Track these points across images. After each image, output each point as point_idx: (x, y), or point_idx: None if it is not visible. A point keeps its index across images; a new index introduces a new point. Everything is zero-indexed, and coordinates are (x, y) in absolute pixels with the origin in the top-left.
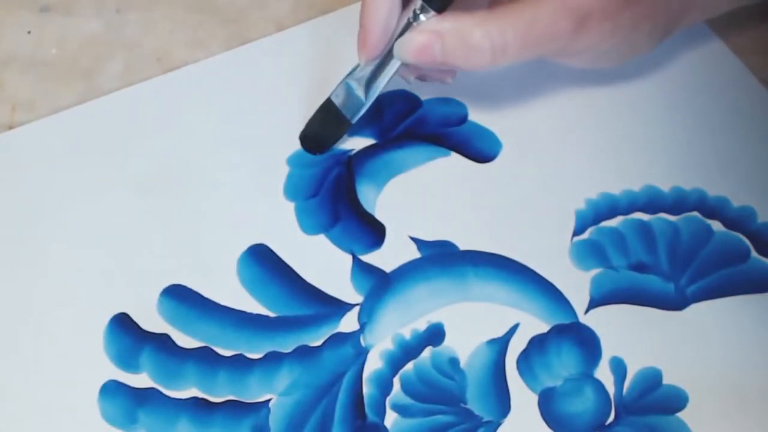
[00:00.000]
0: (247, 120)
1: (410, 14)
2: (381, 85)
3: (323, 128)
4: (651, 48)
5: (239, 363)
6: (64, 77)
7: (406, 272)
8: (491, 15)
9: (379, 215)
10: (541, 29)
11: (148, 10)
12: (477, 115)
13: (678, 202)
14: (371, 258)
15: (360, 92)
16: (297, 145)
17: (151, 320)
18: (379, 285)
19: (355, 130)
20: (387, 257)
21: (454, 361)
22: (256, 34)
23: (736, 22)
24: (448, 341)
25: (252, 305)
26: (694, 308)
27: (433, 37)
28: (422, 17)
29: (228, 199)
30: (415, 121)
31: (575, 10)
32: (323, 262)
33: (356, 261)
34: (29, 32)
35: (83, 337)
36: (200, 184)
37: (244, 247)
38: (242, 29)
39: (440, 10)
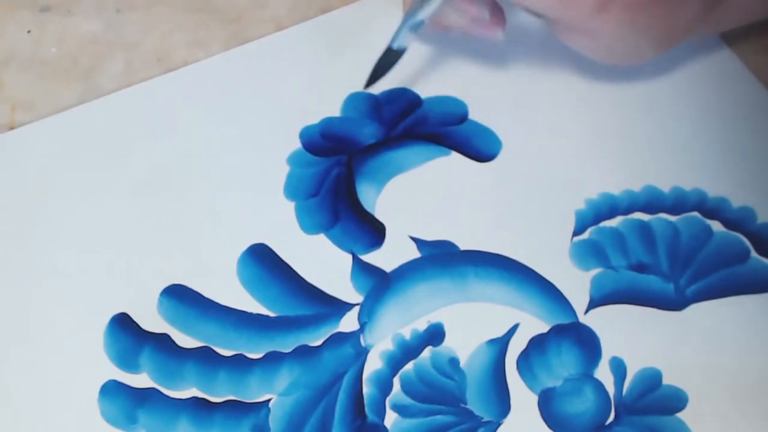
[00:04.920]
0: (247, 120)
1: None
2: (424, 16)
3: (377, 64)
4: (651, 56)
5: (239, 363)
6: (64, 77)
7: (406, 272)
8: None
9: (379, 215)
10: None
11: (148, 10)
12: (477, 115)
13: (678, 203)
14: (371, 258)
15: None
16: (297, 145)
17: (151, 320)
18: (379, 285)
19: (356, 129)
20: (387, 257)
21: (454, 361)
22: (256, 34)
23: None
24: (448, 341)
25: (252, 305)
26: (694, 308)
27: None
28: None
29: (228, 199)
30: (415, 120)
31: None
32: (323, 262)
33: (356, 261)
34: (29, 32)
35: (83, 337)
36: (200, 184)
37: (244, 247)
38: (242, 29)
39: None
